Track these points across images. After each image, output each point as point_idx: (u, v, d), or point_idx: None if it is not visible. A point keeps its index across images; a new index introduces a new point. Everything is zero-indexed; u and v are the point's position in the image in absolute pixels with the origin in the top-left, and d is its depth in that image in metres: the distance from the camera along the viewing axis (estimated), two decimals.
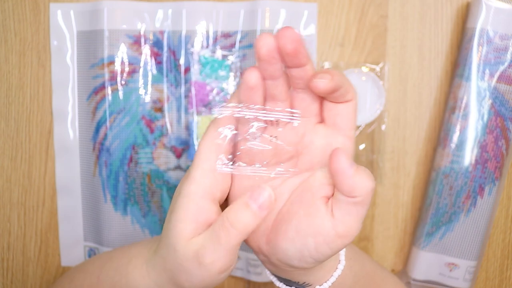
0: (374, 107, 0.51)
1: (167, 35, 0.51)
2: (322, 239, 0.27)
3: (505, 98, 0.48)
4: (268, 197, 0.27)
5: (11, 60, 0.52)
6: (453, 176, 0.49)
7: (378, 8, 0.51)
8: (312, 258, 0.28)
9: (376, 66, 0.51)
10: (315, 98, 0.28)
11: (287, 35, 0.24)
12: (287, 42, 0.24)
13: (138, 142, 0.52)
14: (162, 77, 0.52)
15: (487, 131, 0.48)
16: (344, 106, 0.28)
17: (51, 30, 0.52)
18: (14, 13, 0.52)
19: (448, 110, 0.50)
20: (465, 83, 0.48)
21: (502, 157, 0.49)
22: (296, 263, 0.28)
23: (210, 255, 0.27)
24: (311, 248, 0.27)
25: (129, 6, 0.50)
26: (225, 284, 0.55)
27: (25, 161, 0.53)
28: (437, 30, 0.51)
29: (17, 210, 0.54)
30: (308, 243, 0.27)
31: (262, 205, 0.27)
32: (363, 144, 0.53)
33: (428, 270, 0.51)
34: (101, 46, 0.50)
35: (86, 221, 0.54)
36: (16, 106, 0.53)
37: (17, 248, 0.54)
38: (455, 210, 0.50)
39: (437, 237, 0.51)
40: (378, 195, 0.53)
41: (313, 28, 0.51)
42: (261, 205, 0.27)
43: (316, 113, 0.29)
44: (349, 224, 0.26)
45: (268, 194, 0.27)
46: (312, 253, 0.27)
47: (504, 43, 0.47)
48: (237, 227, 0.26)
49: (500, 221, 0.53)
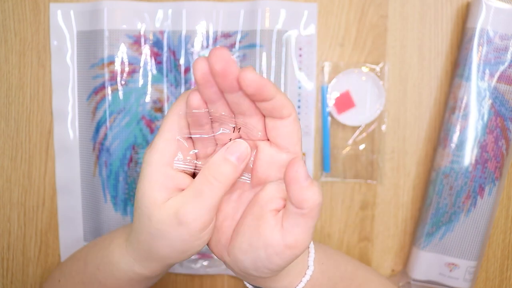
0: (374, 107, 0.51)
1: (167, 35, 0.51)
2: (272, 250, 0.27)
3: (505, 98, 0.48)
4: (245, 149, 0.29)
5: (11, 60, 0.52)
6: (453, 176, 0.49)
7: (378, 8, 0.51)
8: (267, 268, 0.28)
9: (376, 66, 0.51)
10: (259, 119, 0.29)
11: (216, 55, 0.25)
12: (216, 61, 0.25)
13: (138, 142, 0.52)
14: (162, 77, 0.52)
15: (487, 131, 0.48)
16: (283, 123, 0.28)
17: (51, 30, 0.52)
18: (14, 13, 0.52)
19: (448, 110, 0.50)
20: (465, 83, 0.48)
21: (502, 157, 0.49)
22: (254, 273, 0.29)
23: (191, 212, 0.28)
24: (263, 259, 0.28)
25: (129, 6, 0.50)
26: (225, 284, 0.55)
27: (25, 161, 0.53)
28: (437, 30, 0.51)
29: (17, 210, 0.54)
30: (260, 255, 0.28)
31: (240, 157, 0.28)
32: (363, 144, 0.53)
33: (428, 270, 0.51)
34: (101, 46, 0.50)
35: (86, 221, 0.54)
36: (16, 106, 0.53)
37: (17, 248, 0.54)
38: (455, 210, 0.50)
39: (437, 237, 0.51)
40: (378, 195, 0.53)
41: (313, 28, 0.51)
42: (239, 157, 0.28)
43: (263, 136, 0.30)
44: (298, 235, 0.27)
45: (245, 146, 0.29)
46: (266, 264, 0.28)
47: (504, 43, 0.47)
48: (220, 179, 0.28)
49: (500, 221, 0.53)
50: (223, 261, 0.32)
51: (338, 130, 0.53)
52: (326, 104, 0.51)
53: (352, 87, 0.51)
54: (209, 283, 0.55)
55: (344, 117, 0.51)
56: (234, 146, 0.29)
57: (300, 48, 0.51)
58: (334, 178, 0.53)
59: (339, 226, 0.54)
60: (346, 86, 0.51)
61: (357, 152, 0.53)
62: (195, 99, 0.28)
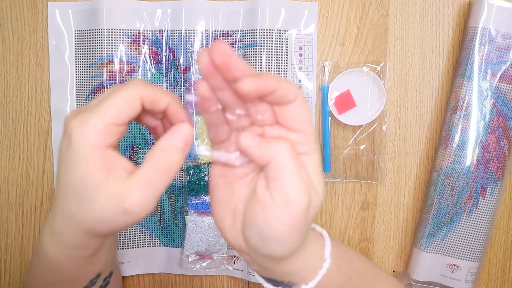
0: (374, 107, 0.51)
1: (167, 34, 0.51)
2: (269, 213, 0.27)
3: (507, 97, 0.47)
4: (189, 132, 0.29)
5: (8, 60, 0.52)
6: (455, 176, 0.49)
7: (379, 7, 0.51)
8: (270, 238, 0.28)
9: (377, 66, 0.51)
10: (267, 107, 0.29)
11: (215, 49, 0.25)
12: (215, 55, 0.25)
13: (137, 142, 0.52)
14: (162, 76, 0.51)
15: (489, 131, 0.48)
16: (290, 108, 0.28)
17: (49, 29, 0.51)
18: (12, 12, 0.51)
19: (450, 110, 0.50)
20: (466, 83, 0.48)
21: (504, 157, 0.48)
22: (264, 250, 0.29)
23: (140, 203, 0.27)
24: (264, 228, 0.28)
25: (128, 5, 0.50)
26: (225, 285, 0.55)
27: (23, 161, 0.53)
28: (439, 29, 0.51)
29: (15, 210, 0.53)
30: (259, 222, 0.28)
31: (185, 141, 0.28)
32: (363, 144, 0.52)
33: (430, 271, 0.51)
34: (99, 46, 0.50)
35: None
36: (14, 105, 0.52)
37: (15, 249, 0.54)
38: (456, 210, 0.49)
39: (439, 238, 0.50)
40: (379, 195, 0.53)
41: (314, 27, 0.51)
42: (184, 141, 0.28)
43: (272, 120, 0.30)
44: (284, 190, 0.27)
45: (188, 129, 0.29)
46: (268, 233, 0.28)
47: (506, 42, 0.47)
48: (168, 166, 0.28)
49: (502, 222, 0.53)
50: (240, 250, 0.31)
51: (339, 130, 0.52)
52: (327, 103, 0.51)
53: (352, 86, 0.51)
54: (208, 284, 0.55)
55: (344, 117, 0.51)
56: (178, 131, 0.29)
57: (301, 47, 0.51)
58: (334, 178, 0.53)
59: (339, 226, 0.53)
60: (347, 85, 0.51)
61: (357, 152, 0.52)
62: (203, 87, 0.28)
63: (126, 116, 0.29)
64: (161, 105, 0.30)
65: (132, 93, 0.29)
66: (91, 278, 0.36)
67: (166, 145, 0.28)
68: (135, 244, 0.53)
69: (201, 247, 0.52)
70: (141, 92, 0.29)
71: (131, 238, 0.53)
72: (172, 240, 0.53)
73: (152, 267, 0.54)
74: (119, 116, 0.28)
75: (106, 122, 0.28)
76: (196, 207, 0.51)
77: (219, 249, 0.52)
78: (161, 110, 0.30)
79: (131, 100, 0.29)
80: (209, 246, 0.52)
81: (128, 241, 0.53)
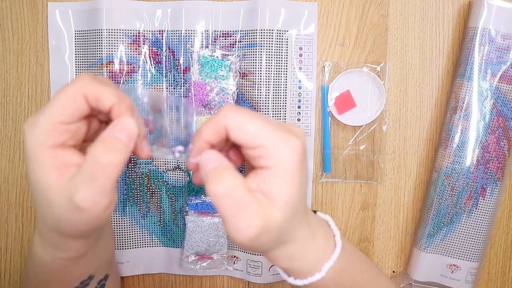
0: (374, 107, 0.51)
1: (167, 35, 0.51)
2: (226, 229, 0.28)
3: (507, 98, 0.47)
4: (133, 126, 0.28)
5: (8, 60, 0.52)
6: (455, 176, 0.49)
7: (379, 7, 0.51)
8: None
9: (377, 66, 0.51)
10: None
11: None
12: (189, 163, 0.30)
13: None
14: (162, 76, 0.51)
15: (489, 132, 0.48)
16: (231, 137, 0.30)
17: (49, 30, 0.51)
18: (12, 12, 0.51)
19: (450, 110, 0.50)
20: (466, 83, 0.48)
21: (504, 158, 0.48)
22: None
23: (89, 199, 0.27)
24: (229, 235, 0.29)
25: (128, 5, 0.50)
26: (225, 285, 0.55)
27: (23, 161, 0.53)
28: (439, 29, 0.51)
29: (15, 211, 0.53)
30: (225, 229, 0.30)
31: (129, 135, 0.28)
32: (363, 145, 0.52)
33: (430, 271, 0.51)
34: (99, 46, 0.50)
35: None
36: (13, 106, 0.52)
37: (15, 250, 0.54)
38: (456, 211, 0.49)
39: (439, 238, 0.50)
40: (379, 195, 0.53)
41: (314, 28, 0.51)
42: (128, 135, 0.28)
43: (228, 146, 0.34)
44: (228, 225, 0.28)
45: (132, 123, 0.28)
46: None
47: (506, 42, 0.47)
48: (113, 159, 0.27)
49: (502, 222, 0.52)
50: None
51: (339, 130, 0.52)
52: (327, 104, 0.51)
53: (352, 87, 0.51)
54: (208, 284, 0.55)
55: (344, 117, 0.51)
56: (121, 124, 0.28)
57: (300, 47, 0.51)
58: (334, 179, 0.53)
59: (339, 226, 0.53)
60: (347, 86, 0.51)
61: (357, 152, 0.52)
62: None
63: (72, 113, 0.28)
64: (103, 104, 0.29)
65: (75, 90, 0.28)
66: (82, 279, 0.36)
67: (107, 139, 0.28)
68: (135, 245, 0.53)
69: (201, 247, 0.52)
70: (85, 89, 0.28)
71: (131, 238, 0.53)
72: (172, 240, 0.53)
73: (152, 267, 0.54)
74: (64, 114, 0.28)
75: (53, 121, 0.28)
76: (196, 207, 0.51)
77: (219, 249, 0.52)
78: (105, 110, 0.29)
79: (74, 97, 0.28)
80: (209, 246, 0.52)
81: (128, 241, 0.53)
